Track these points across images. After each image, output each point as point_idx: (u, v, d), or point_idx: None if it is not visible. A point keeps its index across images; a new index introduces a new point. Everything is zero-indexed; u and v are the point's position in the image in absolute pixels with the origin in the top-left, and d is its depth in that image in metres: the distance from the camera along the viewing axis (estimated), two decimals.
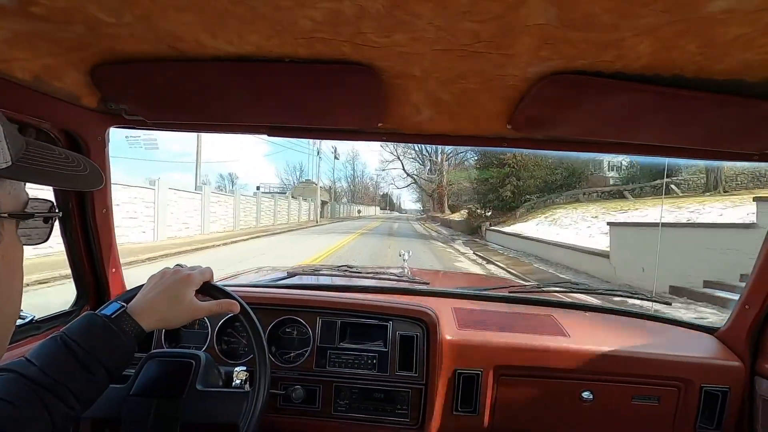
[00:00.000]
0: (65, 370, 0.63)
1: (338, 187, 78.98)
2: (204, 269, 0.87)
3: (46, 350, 0.65)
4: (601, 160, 24.04)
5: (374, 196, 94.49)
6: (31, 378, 0.60)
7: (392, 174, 71.61)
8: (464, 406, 1.16)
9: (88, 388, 0.64)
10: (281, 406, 1.14)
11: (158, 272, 0.85)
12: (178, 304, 0.79)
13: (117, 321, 0.71)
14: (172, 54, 0.74)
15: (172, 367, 0.90)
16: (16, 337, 0.95)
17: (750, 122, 0.85)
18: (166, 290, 0.79)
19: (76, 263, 1.13)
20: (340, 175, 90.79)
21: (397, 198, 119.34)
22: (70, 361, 0.64)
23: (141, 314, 0.74)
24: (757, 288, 1.12)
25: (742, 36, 0.57)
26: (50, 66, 0.77)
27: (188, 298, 0.80)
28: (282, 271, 1.78)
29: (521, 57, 0.67)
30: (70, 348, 0.65)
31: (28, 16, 0.61)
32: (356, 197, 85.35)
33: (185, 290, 0.81)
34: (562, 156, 14.11)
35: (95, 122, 1.02)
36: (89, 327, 0.69)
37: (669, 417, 1.16)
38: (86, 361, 0.65)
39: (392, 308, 1.22)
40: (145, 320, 0.74)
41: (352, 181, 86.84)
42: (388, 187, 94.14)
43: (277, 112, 1.00)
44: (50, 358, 0.64)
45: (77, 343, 0.65)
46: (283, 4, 0.56)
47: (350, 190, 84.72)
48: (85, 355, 0.65)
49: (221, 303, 0.85)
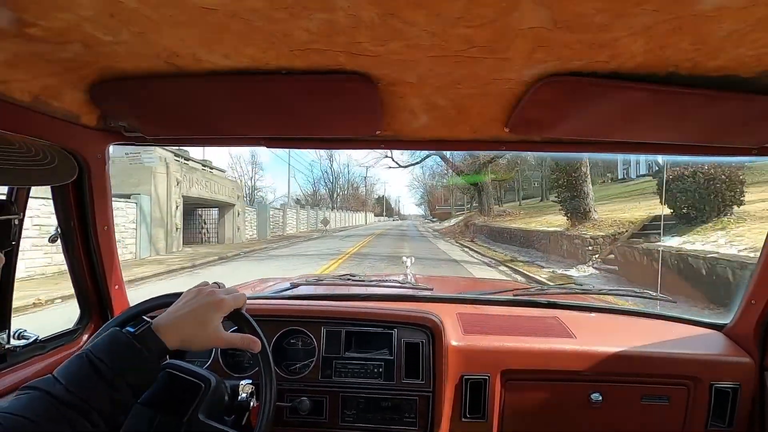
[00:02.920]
0: (90, 387, 0.63)
1: (319, 188, 62.31)
2: (238, 296, 0.84)
3: (72, 368, 0.65)
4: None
5: (366, 200, 75.87)
6: (56, 396, 0.60)
7: (388, 171, 62.71)
8: (472, 412, 1.15)
9: (112, 405, 0.64)
10: (288, 419, 1.13)
11: (195, 288, 0.83)
12: (203, 329, 0.76)
13: (141, 338, 0.70)
14: (169, 69, 0.75)
15: (181, 385, 0.89)
16: (21, 357, 0.95)
17: (746, 117, 0.85)
18: (195, 311, 0.77)
19: (78, 281, 1.13)
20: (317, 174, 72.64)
21: (395, 202, 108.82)
22: (94, 378, 0.64)
23: (166, 332, 0.72)
24: (762, 283, 1.11)
25: (734, 32, 0.57)
26: (49, 86, 0.78)
27: (214, 324, 0.77)
28: (285, 282, 1.78)
29: (516, 60, 0.68)
30: (94, 365, 0.65)
31: (25, 37, 0.62)
32: (342, 201, 64.17)
33: (213, 315, 0.78)
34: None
35: (95, 140, 1.03)
36: (114, 344, 0.68)
37: (679, 416, 1.14)
38: (111, 378, 0.64)
39: (396, 316, 1.21)
40: (170, 338, 0.72)
41: (332, 182, 64.23)
42: (384, 187, 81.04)
43: (275, 123, 1.00)
44: (76, 375, 0.63)
45: (102, 361, 0.65)
46: (278, 17, 0.57)
47: (329, 191, 63.86)
48: (110, 372, 0.65)
49: (244, 339, 0.83)
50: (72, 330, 1.13)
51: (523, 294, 1.61)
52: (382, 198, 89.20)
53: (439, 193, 65.02)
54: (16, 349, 0.94)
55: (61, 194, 1.03)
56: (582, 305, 1.52)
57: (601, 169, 42.01)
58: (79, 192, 1.04)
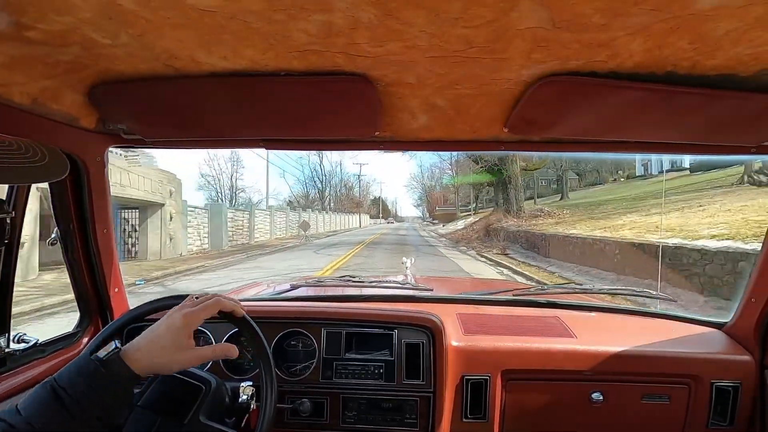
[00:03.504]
0: (52, 419, 0.61)
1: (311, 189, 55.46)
2: (209, 304, 0.79)
3: (34, 399, 0.63)
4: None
5: (361, 201, 69.43)
6: (17, 429, 0.58)
7: (383, 171, 55.11)
8: (473, 412, 1.15)
9: None
10: (288, 420, 1.13)
11: (178, 306, 0.80)
12: (172, 353, 0.72)
13: (109, 365, 0.67)
14: (168, 72, 0.75)
15: (181, 387, 0.89)
16: (21, 360, 0.95)
17: (744, 116, 0.86)
18: (162, 334, 0.73)
19: (78, 284, 1.13)
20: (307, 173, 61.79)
21: (393, 204, 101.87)
22: (57, 410, 0.61)
23: (135, 358, 0.69)
24: (762, 281, 1.11)
25: (732, 31, 0.57)
26: (48, 89, 0.78)
27: (181, 344, 0.73)
28: (285, 284, 1.78)
29: (515, 60, 0.68)
30: (58, 396, 0.62)
31: (24, 40, 0.62)
32: (336, 203, 58.97)
33: (180, 333, 0.73)
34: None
35: (94, 143, 1.03)
36: (80, 372, 0.66)
37: (680, 415, 1.14)
38: (74, 409, 0.62)
39: (396, 316, 1.21)
40: (139, 365, 0.69)
41: (322, 181, 57.67)
42: (380, 188, 73.20)
43: (274, 125, 1.00)
44: (38, 407, 0.62)
45: (65, 391, 0.63)
46: (277, 18, 0.57)
47: (320, 191, 57.52)
48: (73, 403, 0.62)
49: (216, 350, 0.81)
50: (72, 333, 1.13)
51: (523, 294, 1.61)
52: (378, 199, 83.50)
53: (438, 194, 62.26)
54: (15, 352, 0.94)
55: (61, 197, 1.03)
56: (582, 305, 1.52)
57: (609, 165, 39.55)
58: (78, 195, 1.04)
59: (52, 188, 1.02)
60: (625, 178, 34.40)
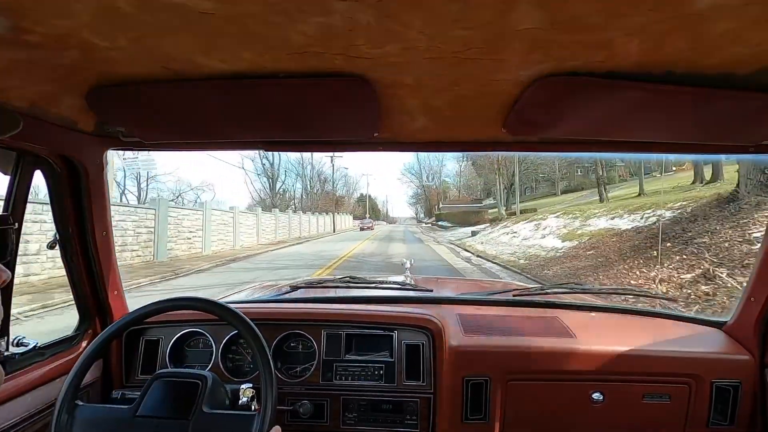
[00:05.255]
0: None
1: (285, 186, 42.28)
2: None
3: None
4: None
5: (341, 200, 55.99)
6: None
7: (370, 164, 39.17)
8: (474, 413, 1.14)
9: None
10: (289, 422, 1.13)
11: None
12: None
13: None
14: (166, 75, 0.75)
15: (178, 388, 0.89)
16: (21, 364, 0.95)
17: (743, 115, 0.86)
18: None
19: (77, 287, 1.12)
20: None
21: (383, 204, 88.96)
22: None
23: None
24: (762, 280, 1.11)
25: (729, 30, 0.57)
26: (46, 92, 0.78)
27: None
28: (284, 286, 1.77)
29: (513, 61, 0.68)
30: None
31: (23, 44, 0.62)
32: (310, 200, 44.61)
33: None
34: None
35: (93, 146, 1.02)
36: None
37: (681, 414, 1.14)
38: None
39: (396, 317, 1.21)
40: None
41: (271, 174, 40.92)
42: (366, 179, 62.01)
43: (273, 127, 1.00)
44: None
45: None
46: (275, 21, 0.57)
47: (269, 179, 40.74)
48: None
49: None
50: (71, 336, 1.12)
51: (523, 294, 1.61)
52: (365, 197, 68.78)
53: (436, 192, 57.21)
54: (15, 356, 0.94)
55: (59, 200, 1.03)
56: (582, 305, 1.52)
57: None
58: (77, 198, 1.04)
59: (51, 191, 1.02)
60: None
